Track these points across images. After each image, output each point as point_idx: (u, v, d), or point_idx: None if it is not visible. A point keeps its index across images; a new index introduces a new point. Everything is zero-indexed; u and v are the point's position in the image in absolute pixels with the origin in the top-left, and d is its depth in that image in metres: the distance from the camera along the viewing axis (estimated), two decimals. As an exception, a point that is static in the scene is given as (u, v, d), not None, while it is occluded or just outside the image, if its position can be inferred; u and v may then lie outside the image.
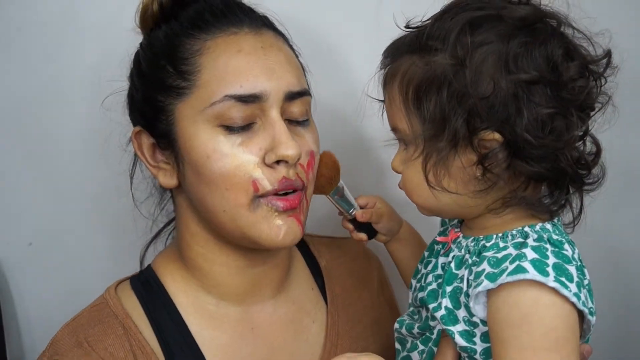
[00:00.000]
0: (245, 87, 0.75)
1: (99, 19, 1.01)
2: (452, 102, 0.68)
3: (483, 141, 0.69)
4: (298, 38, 0.87)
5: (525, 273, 0.65)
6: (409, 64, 0.72)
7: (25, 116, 1.04)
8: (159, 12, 0.81)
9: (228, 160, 0.75)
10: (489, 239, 0.73)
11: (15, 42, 1.02)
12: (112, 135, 0.91)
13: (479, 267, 0.69)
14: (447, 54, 0.69)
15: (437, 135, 0.70)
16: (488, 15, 0.70)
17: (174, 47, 0.78)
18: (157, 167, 0.81)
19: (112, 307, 0.81)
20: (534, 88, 0.68)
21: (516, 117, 0.67)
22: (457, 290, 0.73)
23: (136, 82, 0.82)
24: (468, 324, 0.71)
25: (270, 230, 0.77)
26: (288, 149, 0.75)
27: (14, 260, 1.08)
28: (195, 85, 0.76)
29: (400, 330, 0.82)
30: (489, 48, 0.68)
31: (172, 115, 0.78)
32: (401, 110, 0.73)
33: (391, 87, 0.74)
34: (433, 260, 0.80)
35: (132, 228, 0.96)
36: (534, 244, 0.69)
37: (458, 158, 0.70)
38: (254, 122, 0.76)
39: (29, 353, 1.10)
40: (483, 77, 0.68)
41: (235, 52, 0.77)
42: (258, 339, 0.84)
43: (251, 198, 0.76)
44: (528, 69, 0.68)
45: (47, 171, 1.07)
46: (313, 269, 0.93)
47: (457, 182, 0.71)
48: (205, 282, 0.83)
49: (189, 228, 0.83)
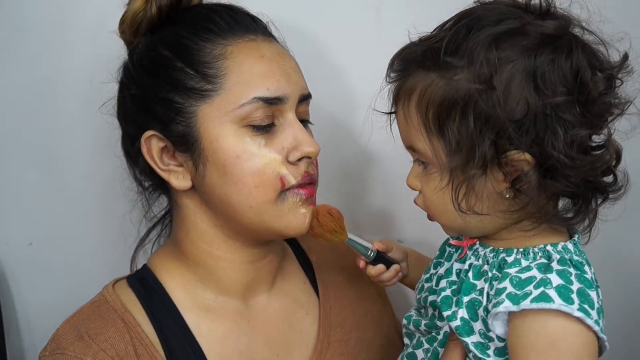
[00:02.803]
0: (271, 90, 0.79)
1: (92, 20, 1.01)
2: (478, 124, 0.66)
3: (513, 162, 0.67)
4: (297, 43, 0.87)
5: (550, 303, 0.65)
6: (426, 82, 0.70)
7: (25, 116, 1.05)
8: (157, 16, 0.82)
9: (257, 160, 0.79)
10: (509, 252, 0.72)
11: (12, 42, 1.03)
12: (113, 135, 0.91)
13: (501, 283, 0.69)
14: (470, 73, 0.67)
15: (466, 163, 0.68)
16: (511, 30, 0.67)
17: (190, 50, 0.80)
18: (168, 171, 0.83)
19: (111, 303, 0.83)
20: (564, 107, 0.66)
21: (549, 138, 0.66)
22: (476, 302, 0.72)
23: (144, 85, 0.82)
24: (483, 337, 0.71)
25: (297, 219, 0.82)
26: (311, 146, 0.81)
27: (14, 260, 1.09)
28: (222, 88, 0.79)
29: (408, 325, 0.82)
30: (515, 66, 0.66)
31: (194, 117, 0.80)
32: (420, 132, 0.71)
33: (408, 105, 0.72)
34: (446, 263, 0.79)
35: (133, 228, 0.96)
36: (558, 267, 0.68)
37: (487, 181, 0.69)
38: (273, 123, 0.80)
39: (29, 353, 1.11)
40: (512, 97, 0.66)
41: (258, 57, 0.81)
42: (254, 330, 0.86)
43: (278, 193, 0.80)
44: (557, 87, 0.66)
45: (47, 171, 1.08)
46: (304, 264, 0.96)
47: (487, 204, 0.70)
48: (207, 278, 0.85)
49: (196, 227, 0.84)
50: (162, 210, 0.94)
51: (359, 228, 1.14)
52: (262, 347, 0.86)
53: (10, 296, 1.09)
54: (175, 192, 0.85)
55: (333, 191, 1.11)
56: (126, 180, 0.91)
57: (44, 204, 1.08)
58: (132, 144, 0.85)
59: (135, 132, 0.83)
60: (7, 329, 1.07)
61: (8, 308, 1.09)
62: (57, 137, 1.06)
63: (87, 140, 1.05)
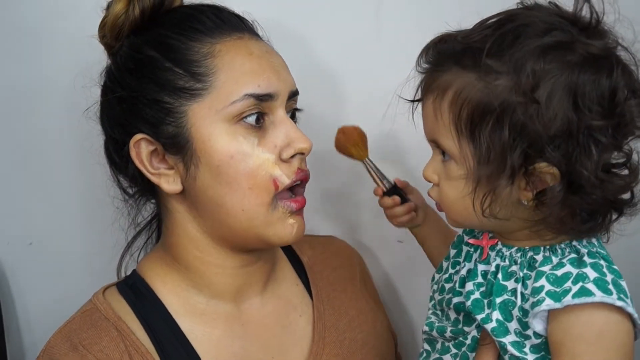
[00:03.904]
0: (262, 86, 0.79)
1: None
2: (512, 133, 0.66)
3: (540, 174, 0.67)
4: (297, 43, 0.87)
5: (592, 296, 0.66)
6: (464, 81, 0.69)
7: (22, 115, 1.05)
8: (139, 18, 0.81)
9: (251, 160, 0.79)
10: (536, 251, 0.73)
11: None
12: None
13: (537, 282, 0.70)
14: (512, 81, 0.66)
15: (495, 173, 0.68)
16: (559, 44, 0.66)
17: (178, 49, 0.80)
18: (158, 175, 0.82)
19: (103, 311, 0.82)
20: (600, 129, 0.66)
21: (580, 157, 0.66)
22: (509, 303, 0.73)
23: (131, 87, 0.81)
24: (519, 336, 0.72)
25: (284, 229, 0.82)
26: (303, 142, 0.81)
27: (14, 260, 1.09)
28: (212, 86, 0.78)
29: (430, 332, 0.82)
30: (558, 80, 0.65)
31: (185, 117, 0.79)
32: (450, 131, 0.70)
33: (440, 101, 0.71)
34: (466, 264, 0.79)
35: (133, 228, 0.95)
36: (590, 260, 0.69)
37: (513, 189, 0.69)
38: (264, 120, 0.80)
39: (29, 353, 1.12)
40: (551, 111, 0.65)
41: (247, 54, 0.80)
42: (248, 334, 0.87)
43: (272, 197, 0.80)
44: (594, 107, 0.65)
45: (47, 171, 1.08)
46: (296, 266, 0.96)
47: (508, 210, 0.71)
48: (198, 283, 0.85)
49: (187, 232, 0.84)
50: (149, 216, 0.93)
51: (359, 228, 1.14)
52: (257, 350, 0.86)
53: (10, 296, 1.09)
54: (164, 196, 0.84)
55: (332, 191, 1.12)
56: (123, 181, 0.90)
57: (44, 204, 1.08)
58: (118, 149, 0.83)
59: (122, 136, 0.82)
60: (7, 329, 1.08)
61: (8, 308, 1.09)
62: (58, 137, 1.06)
63: (88, 140, 1.05)
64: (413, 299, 1.15)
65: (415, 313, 1.15)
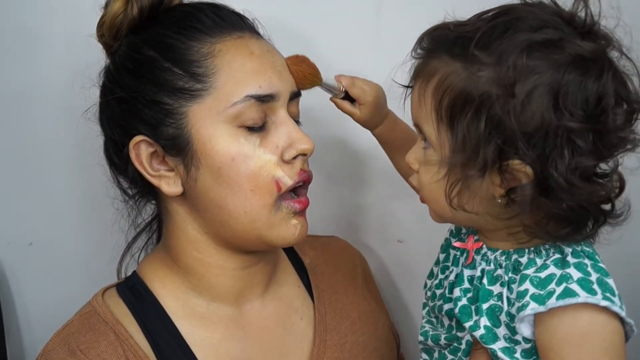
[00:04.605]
0: (263, 87, 0.78)
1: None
2: (489, 126, 0.65)
3: (513, 171, 0.66)
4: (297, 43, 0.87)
5: (576, 297, 0.65)
6: (449, 69, 0.68)
7: (22, 115, 1.05)
8: (138, 17, 0.81)
9: (252, 162, 0.78)
10: (520, 253, 0.72)
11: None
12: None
13: (521, 286, 0.69)
14: (494, 73, 0.65)
15: (467, 163, 0.67)
16: (548, 41, 0.65)
17: (177, 49, 0.78)
18: (159, 177, 0.81)
19: (102, 314, 0.81)
20: (578, 132, 0.64)
21: (554, 158, 0.65)
22: (496, 308, 0.72)
23: (130, 87, 0.80)
24: (509, 342, 0.71)
25: (287, 230, 0.81)
26: (306, 143, 0.80)
27: (14, 260, 1.09)
28: (212, 87, 0.77)
29: (425, 342, 0.81)
30: (541, 78, 0.64)
31: (184, 118, 0.78)
32: (430, 116, 0.70)
33: (425, 86, 0.71)
34: (454, 269, 0.79)
35: (133, 229, 0.95)
36: (574, 260, 0.68)
37: (484, 183, 0.68)
38: (265, 121, 0.79)
39: (29, 353, 1.12)
40: (529, 108, 0.64)
41: (247, 54, 0.79)
42: (249, 336, 0.86)
43: (275, 199, 0.79)
44: (576, 110, 0.64)
45: (47, 172, 1.08)
46: (297, 267, 0.95)
47: (478, 204, 0.70)
48: (199, 285, 0.84)
49: (187, 234, 0.83)
50: (149, 217, 0.93)
51: (359, 228, 1.14)
52: (258, 353, 0.85)
53: (10, 296, 1.09)
54: (165, 198, 0.84)
55: (332, 192, 1.12)
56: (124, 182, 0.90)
57: (44, 205, 1.08)
58: (118, 150, 0.83)
59: (122, 137, 0.81)
60: (7, 329, 1.08)
61: (8, 308, 1.09)
62: (58, 137, 1.06)
63: (88, 140, 1.05)
64: (414, 298, 1.14)
65: (417, 313, 1.14)
